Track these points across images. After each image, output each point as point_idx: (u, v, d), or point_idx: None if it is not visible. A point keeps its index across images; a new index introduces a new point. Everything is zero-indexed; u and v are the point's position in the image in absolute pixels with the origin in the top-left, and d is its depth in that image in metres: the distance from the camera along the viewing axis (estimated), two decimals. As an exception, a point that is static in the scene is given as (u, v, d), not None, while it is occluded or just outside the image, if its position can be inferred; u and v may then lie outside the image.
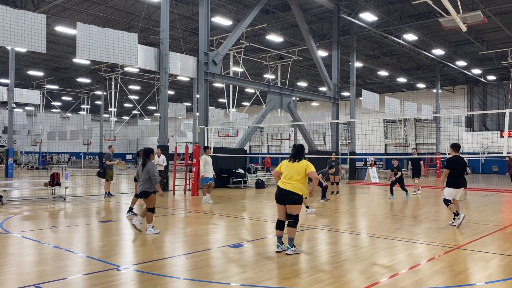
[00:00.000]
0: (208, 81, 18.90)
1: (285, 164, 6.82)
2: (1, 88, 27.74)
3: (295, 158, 6.74)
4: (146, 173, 8.10)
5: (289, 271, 5.66)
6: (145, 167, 8.15)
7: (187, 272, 5.71)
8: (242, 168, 20.33)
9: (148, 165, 8.15)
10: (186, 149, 17.10)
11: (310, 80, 41.51)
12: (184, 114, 35.59)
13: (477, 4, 20.98)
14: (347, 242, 7.69)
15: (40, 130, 40.16)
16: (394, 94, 41.52)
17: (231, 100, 27.86)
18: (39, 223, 9.48)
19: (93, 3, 22.67)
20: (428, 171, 32.96)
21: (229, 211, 11.65)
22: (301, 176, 6.56)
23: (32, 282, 5.08)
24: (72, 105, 47.39)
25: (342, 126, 36.22)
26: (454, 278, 5.42)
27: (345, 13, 23.45)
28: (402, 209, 12.51)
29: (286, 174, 6.65)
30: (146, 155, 8.31)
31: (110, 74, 33.51)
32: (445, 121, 39.33)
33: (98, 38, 15.23)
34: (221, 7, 23.17)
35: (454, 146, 9.43)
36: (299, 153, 6.78)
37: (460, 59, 31.51)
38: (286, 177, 6.62)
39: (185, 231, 8.72)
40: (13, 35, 13.29)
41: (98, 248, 6.96)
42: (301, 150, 6.86)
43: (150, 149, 8.49)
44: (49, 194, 14.37)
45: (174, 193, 16.41)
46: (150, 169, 8.09)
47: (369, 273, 5.60)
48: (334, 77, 26.15)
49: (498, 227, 9.31)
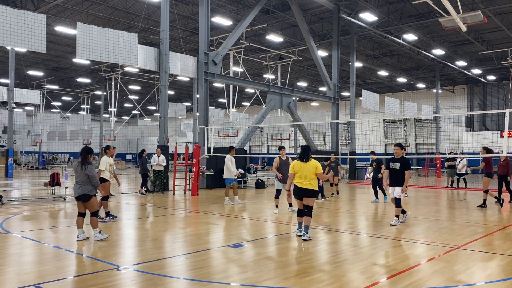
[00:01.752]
0: (208, 81, 18.91)
1: (297, 165, 7.88)
2: (1, 88, 27.75)
3: (304, 158, 7.84)
4: (85, 175, 7.38)
5: (289, 271, 5.65)
6: (83, 169, 7.39)
7: (187, 272, 5.71)
8: (242, 168, 20.32)
9: (87, 168, 7.39)
10: (186, 149, 17.10)
11: (310, 80, 41.51)
12: (184, 114, 35.59)
13: (477, 4, 20.98)
14: (347, 242, 7.69)
15: (40, 130, 40.14)
16: (394, 94, 41.51)
17: (231, 100, 27.85)
18: (39, 223, 9.48)
19: (93, 3, 22.67)
20: (428, 171, 32.98)
21: (229, 211, 11.65)
22: (313, 175, 7.76)
23: (32, 282, 5.08)
24: (72, 105, 47.39)
25: (342, 126, 36.19)
26: (454, 278, 5.42)
27: (345, 13, 23.45)
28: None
29: (301, 174, 7.76)
30: (84, 155, 7.54)
31: (110, 74, 33.49)
32: (445, 121, 39.33)
33: (98, 38, 15.23)
34: (221, 7, 23.17)
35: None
36: (306, 153, 7.87)
37: (460, 59, 31.51)
38: (302, 177, 7.75)
39: (185, 231, 8.72)
40: (13, 35, 13.29)
41: (98, 248, 6.95)
42: (308, 150, 7.96)
43: (89, 149, 7.78)
44: (49, 194, 14.37)
45: (174, 193, 16.41)
46: (89, 173, 7.38)
47: (369, 273, 5.60)
48: (334, 77, 26.15)
49: (498, 227, 9.31)
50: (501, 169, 12.78)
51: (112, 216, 10.00)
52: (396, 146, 9.47)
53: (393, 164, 9.40)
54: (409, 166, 9.33)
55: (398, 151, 9.37)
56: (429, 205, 13.41)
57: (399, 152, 9.37)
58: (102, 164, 9.70)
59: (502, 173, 12.79)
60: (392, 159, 9.51)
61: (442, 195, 17.16)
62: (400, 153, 9.36)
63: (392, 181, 9.40)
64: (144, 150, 16.68)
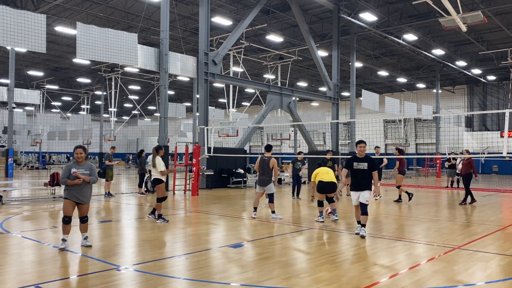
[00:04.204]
0: (208, 81, 18.90)
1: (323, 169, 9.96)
2: (1, 88, 27.74)
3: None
4: None
5: (289, 271, 5.65)
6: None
7: (187, 272, 5.71)
8: (242, 168, 20.34)
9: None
10: (186, 149, 17.10)
11: (310, 80, 41.51)
12: (184, 114, 35.59)
13: (477, 4, 20.98)
14: (347, 242, 7.69)
15: (40, 130, 40.16)
16: (394, 94, 41.53)
17: (231, 100, 27.86)
18: (39, 223, 9.48)
19: (93, 3, 22.67)
20: (428, 171, 32.99)
21: (229, 211, 11.65)
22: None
23: (32, 282, 5.08)
24: (72, 105, 47.39)
25: (342, 126, 36.20)
26: (454, 278, 5.42)
27: (345, 13, 23.44)
28: (402, 209, 12.51)
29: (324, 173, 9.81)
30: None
31: (110, 74, 33.50)
32: (445, 121, 39.32)
33: (98, 38, 15.22)
34: (221, 7, 23.17)
35: None
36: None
37: (460, 59, 31.50)
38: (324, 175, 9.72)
39: (185, 231, 8.72)
40: (13, 35, 13.29)
41: (98, 248, 6.95)
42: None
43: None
44: (49, 194, 14.37)
45: (174, 193, 16.41)
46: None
47: (369, 273, 5.60)
48: (334, 77, 26.15)
49: (498, 227, 9.30)
50: (463, 168, 13.68)
51: (163, 219, 9.58)
52: (361, 143, 8.18)
53: (358, 164, 8.05)
54: (377, 166, 8.75)
55: (363, 149, 8.14)
56: (429, 205, 13.41)
57: (364, 150, 8.18)
58: (161, 165, 9.47)
59: (464, 173, 13.66)
60: (355, 159, 8.15)
61: (442, 195, 17.16)
62: (364, 151, 8.17)
63: (358, 184, 8.02)
64: (142, 150, 16.68)
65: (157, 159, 9.58)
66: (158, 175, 9.54)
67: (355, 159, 8.19)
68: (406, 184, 16.27)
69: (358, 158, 8.14)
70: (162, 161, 9.61)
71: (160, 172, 9.47)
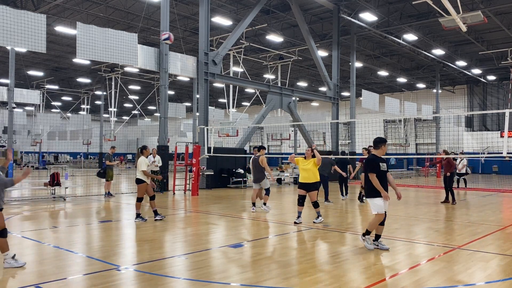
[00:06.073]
0: (208, 81, 18.90)
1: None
2: (1, 88, 27.72)
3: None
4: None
5: (289, 271, 5.65)
6: None
7: (187, 272, 5.71)
8: (242, 168, 20.33)
9: None
10: (186, 149, 17.10)
11: (310, 80, 41.51)
12: (184, 114, 35.58)
13: (477, 4, 20.97)
14: (347, 242, 7.68)
15: (40, 130, 40.15)
16: (394, 94, 41.52)
17: (231, 100, 27.86)
18: (39, 223, 9.48)
19: (93, 3, 22.66)
20: (428, 171, 32.99)
21: (229, 211, 11.65)
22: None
23: (32, 282, 5.08)
24: (72, 105, 47.37)
25: (342, 126, 36.19)
26: (454, 278, 5.42)
27: (345, 13, 23.44)
28: (402, 209, 12.50)
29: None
30: None
31: (110, 74, 33.50)
32: (445, 121, 39.33)
33: (98, 38, 15.22)
34: (221, 7, 23.17)
35: None
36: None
37: (460, 59, 31.50)
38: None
39: (185, 231, 8.72)
40: (13, 35, 13.28)
41: (98, 248, 6.95)
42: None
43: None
44: (49, 194, 14.36)
45: (174, 193, 16.40)
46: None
47: (369, 273, 5.60)
48: (334, 77, 26.15)
49: (498, 227, 9.30)
50: (445, 168, 14.02)
51: (160, 216, 9.94)
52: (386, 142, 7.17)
53: (383, 166, 7.05)
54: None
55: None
56: (429, 205, 13.41)
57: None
58: (142, 165, 9.57)
59: (445, 172, 14.01)
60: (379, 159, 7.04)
61: (442, 195, 17.14)
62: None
63: (386, 189, 6.93)
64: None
65: (140, 159, 9.72)
66: (140, 175, 9.66)
67: (379, 159, 6.97)
68: (406, 184, 16.24)
69: (381, 159, 7.01)
70: (144, 161, 9.71)
71: (142, 171, 9.56)
